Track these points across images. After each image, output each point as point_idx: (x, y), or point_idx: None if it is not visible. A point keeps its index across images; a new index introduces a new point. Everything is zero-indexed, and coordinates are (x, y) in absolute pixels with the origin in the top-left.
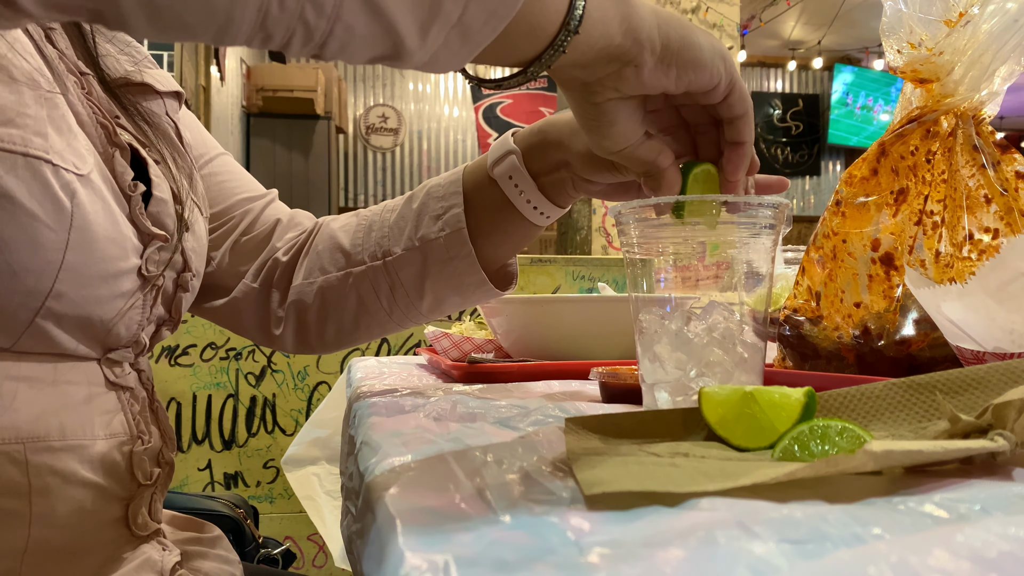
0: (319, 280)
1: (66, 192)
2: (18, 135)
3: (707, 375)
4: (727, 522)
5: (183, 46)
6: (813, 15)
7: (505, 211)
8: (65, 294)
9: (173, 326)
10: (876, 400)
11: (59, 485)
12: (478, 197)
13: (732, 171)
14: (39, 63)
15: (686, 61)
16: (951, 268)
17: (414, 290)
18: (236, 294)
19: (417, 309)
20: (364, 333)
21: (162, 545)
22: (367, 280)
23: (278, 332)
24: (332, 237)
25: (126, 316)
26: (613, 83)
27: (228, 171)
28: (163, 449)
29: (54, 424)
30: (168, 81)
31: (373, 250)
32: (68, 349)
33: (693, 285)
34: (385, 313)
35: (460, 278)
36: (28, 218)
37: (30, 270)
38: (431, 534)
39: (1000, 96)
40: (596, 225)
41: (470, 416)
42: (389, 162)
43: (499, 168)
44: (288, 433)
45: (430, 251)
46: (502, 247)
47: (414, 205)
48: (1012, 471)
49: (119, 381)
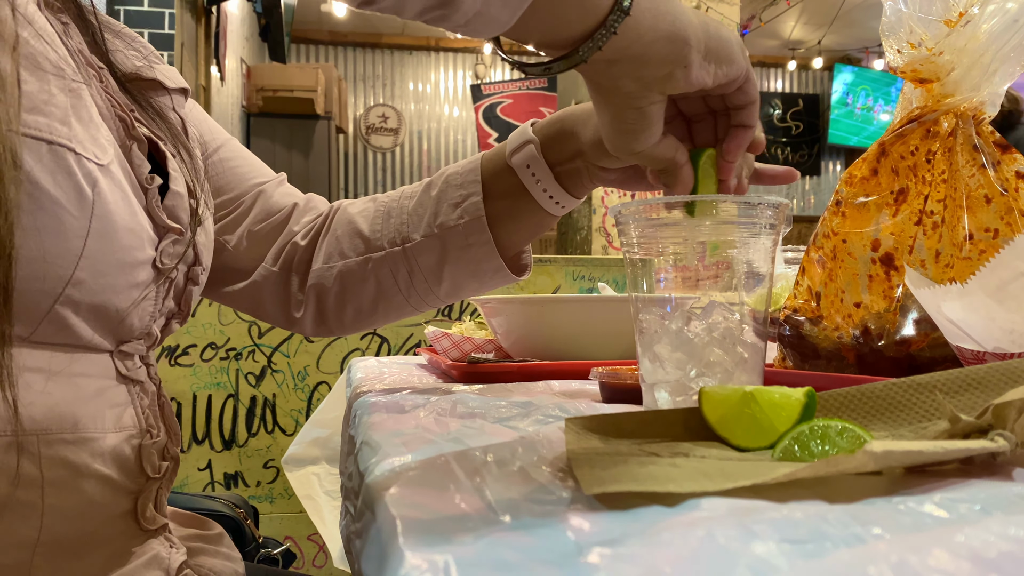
0: (339, 265)
1: (88, 181)
2: (44, 123)
3: (707, 375)
4: (727, 522)
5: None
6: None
7: (522, 199)
8: (84, 282)
9: (182, 319)
10: (876, 400)
11: (71, 477)
12: (496, 185)
13: (733, 151)
14: (64, 53)
15: (723, 58)
16: (951, 268)
17: (432, 276)
18: (256, 278)
19: (435, 294)
20: (382, 316)
21: (169, 542)
22: (386, 266)
23: (298, 315)
24: (351, 222)
25: (140, 307)
26: (660, 87)
27: (238, 155)
28: (169, 444)
29: (67, 416)
30: (176, 77)
31: (392, 236)
32: (83, 339)
33: (693, 285)
34: (403, 297)
35: (478, 264)
36: (52, 204)
37: (53, 256)
38: (431, 534)
39: (1000, 96)
40: (596, 225)
41: (470, 416)
42: (389, 162)
43: (517, 157)
44: (288, 433)
45: (449, 238)
46: (518, 234)
47: (433, 192)
48: (1012, 471)
49: (130, 374)
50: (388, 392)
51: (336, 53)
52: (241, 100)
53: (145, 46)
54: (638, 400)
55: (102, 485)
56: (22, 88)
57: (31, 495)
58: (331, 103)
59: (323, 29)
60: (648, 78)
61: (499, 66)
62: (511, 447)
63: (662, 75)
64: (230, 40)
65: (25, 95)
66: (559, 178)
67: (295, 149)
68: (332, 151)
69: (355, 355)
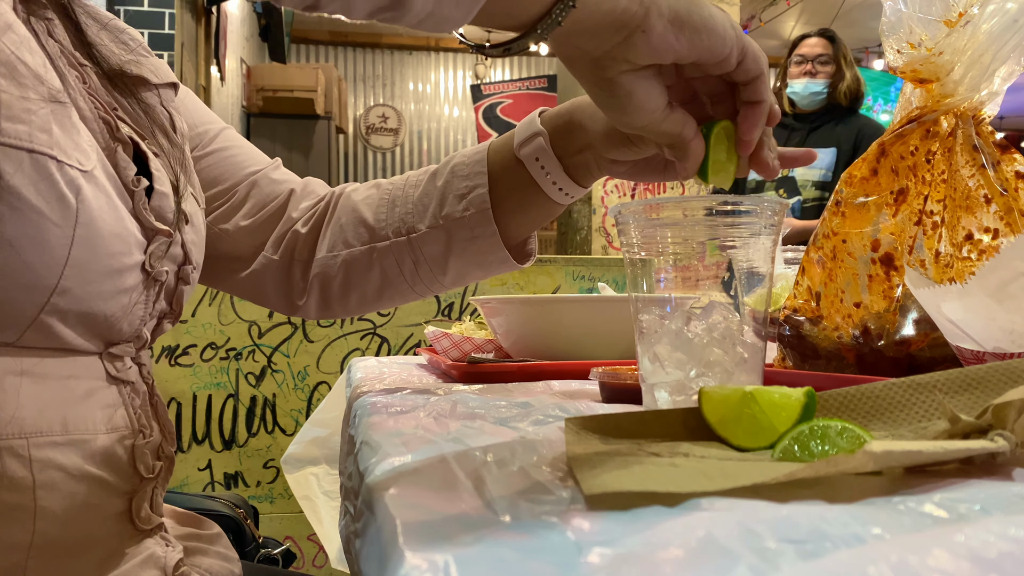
0: (343, 254)
1: (71, 188)
2: (24, 131)
3: (707, 375)
4: (727, 522)
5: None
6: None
7: (530, 191)
8: (70, 290)
9: (174, 319)
10: (876, 400)
11: (63, 480)
12: (503, 177)
13: (748, 129)
14: (43, 59)
15: (696, 24)
16: (951, 268)
17: (437, 266)
18: (256, 267)
19: (440, 282)
20: (387, 302)
21: (165, 541)
22: (391, 255)
23: (301, 303)
24: (355, 210)
25: (130, 312)
26: (623, 53)
27: (234, 144)
28: (163, 443)
29: (56, 419)
30: (163, 72)
31: (397, 226)
32: (71, 344)
33: (693, 285)
34: (408, 285)
35: (483, 255)
36: (34, 215)
37: (36, 267)
38: (431, 534)
39: (1000, 96)
40: (596, 225)
41: (470, 416)
42: (389, 162)
43: (526, 149)
44: (288, 433)
45: (454, 229)
46: (524, 224)
47: (438, 182)
48: (1012, 471)
49: (120, 375)
50: (388, 392)
51: (336, 53)
52: (241, 100)
53: (135, 38)
54: (638, 400)
55: (95, 486)
56: (0, 97)
57: (23, 498)
58: (331, 103)
59: (323, 29)
60: (605, 45)
61: (499, 66)
62: (511, 447)
63: (619, 41)
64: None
65: (3, 104)
66: (568, 169)
67: (295, 149)
68: (332, 151)
69: (355, 355)
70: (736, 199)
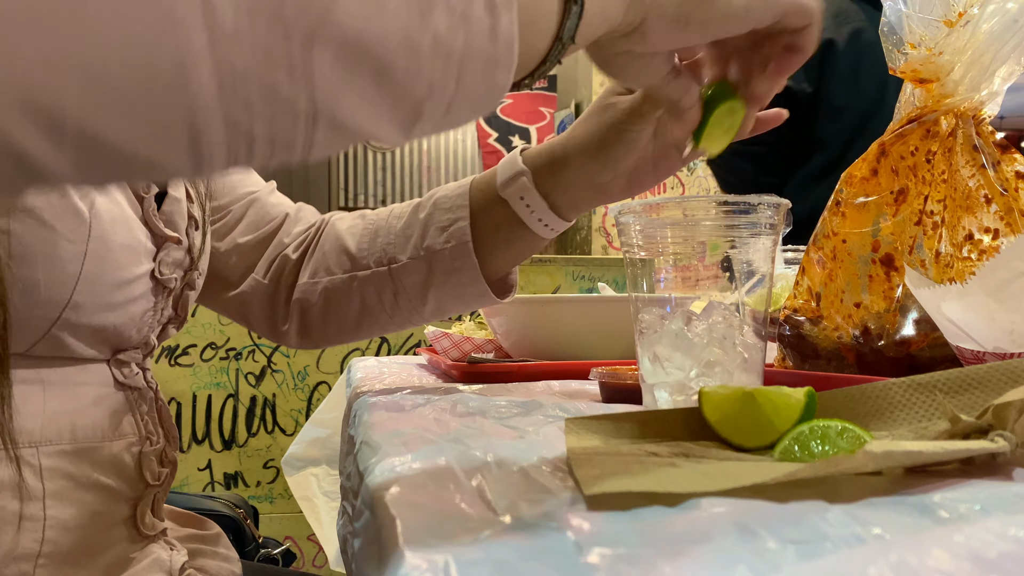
0: (324, 281)
1: (84, 202)
2: None
3: (707, 375)
4: (727, 522)
5: None
6: None
7: (515, 227)
8: (82, 305)
9: (179, 324)
10: (876, 400)
11: (72, 488)
12: (486, 213)
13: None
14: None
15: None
16: (951, 268)
17: (417, 296)
18: (245, 288)
19: (419, 313)
20: (365, 332)
21: (169, 544)
22: (371, 285)
23: (284, 328)
24: (338, 238)
25: (139, 320)
26: (623, 47)
27: None
28: (167, 448)
29: (66, 426)
30: None
31: (379, 256)
32: (79, 354)
33: (693, 285)
34: (387, 316)
35: (463, 288)
36: (48, 231)
37: (49, 283)
38: (431, 534)
39: (1000, 96)
40: (596, 225)
41: (470, 416)
42: (389, 162)
43: (510, 189)
44: (288, 433)
45: (435, 261)
46: (505, 259)
47: (421, 215)
48: (1012, 471)
49: (127, 382)
50: (388, 392)
51: None
52: None
53: None
54: (638, 400)
55: (103, 494)
56: None
57: (33, 508)
58: None
59: None
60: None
61: None
62: (511, 447)
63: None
64: None
65: None
66: (554, 207)
67: None
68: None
69: (355, 355)
70: (736, 199)
